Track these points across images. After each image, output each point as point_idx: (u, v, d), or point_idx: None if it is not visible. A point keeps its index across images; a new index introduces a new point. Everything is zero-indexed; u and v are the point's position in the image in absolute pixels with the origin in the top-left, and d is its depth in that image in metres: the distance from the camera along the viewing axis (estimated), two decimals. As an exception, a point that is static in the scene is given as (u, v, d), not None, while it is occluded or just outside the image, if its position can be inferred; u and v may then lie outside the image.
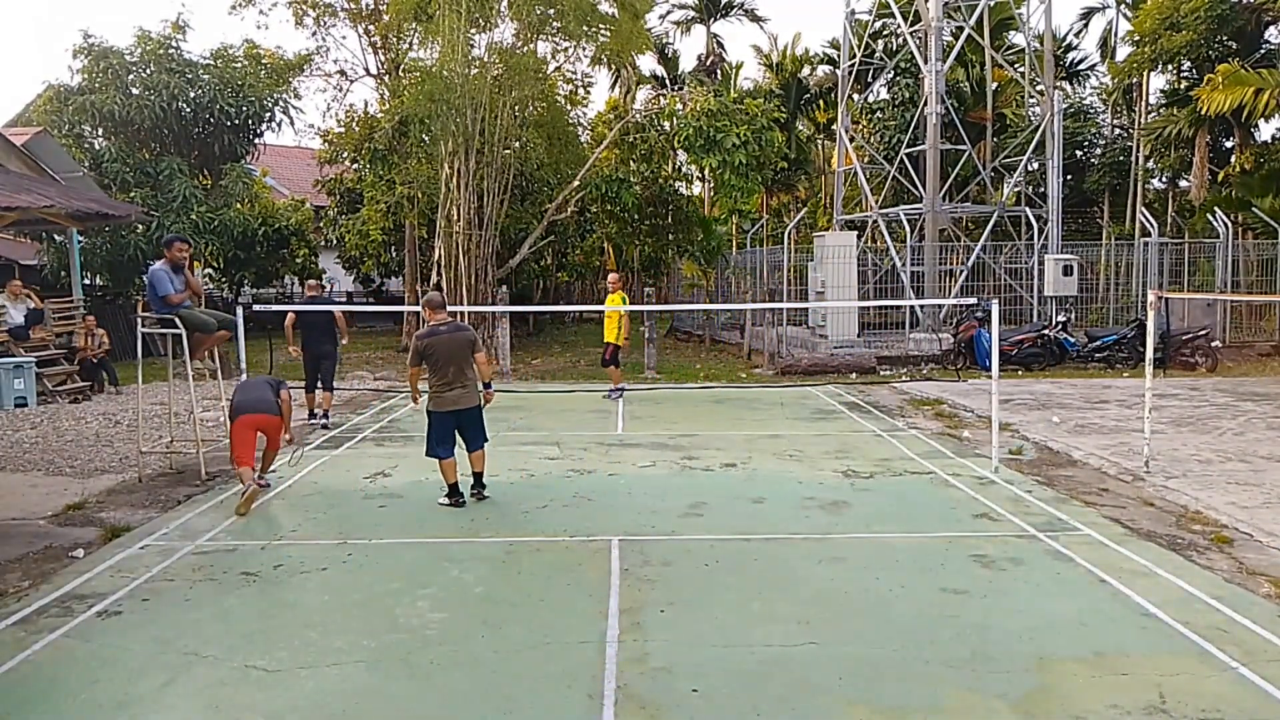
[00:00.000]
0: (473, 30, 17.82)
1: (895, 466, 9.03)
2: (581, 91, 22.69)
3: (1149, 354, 8.83)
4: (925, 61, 20.21)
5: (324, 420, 11.69)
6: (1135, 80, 26.86)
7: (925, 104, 20.41)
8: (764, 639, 4.88)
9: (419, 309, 8.08)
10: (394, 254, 27.05)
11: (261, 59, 23.12)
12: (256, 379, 8.27)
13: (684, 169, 25.27)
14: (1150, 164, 27.21)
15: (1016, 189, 23.17)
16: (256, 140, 23.90)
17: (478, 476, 7.81)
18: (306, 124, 77.30)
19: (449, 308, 8.18)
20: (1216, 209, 19.99)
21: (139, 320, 9.18)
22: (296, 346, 11.73)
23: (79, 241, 18.53)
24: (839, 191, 25.23)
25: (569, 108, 22.38)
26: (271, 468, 8.28)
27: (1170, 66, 25.22)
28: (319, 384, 11.78)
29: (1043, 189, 23.10)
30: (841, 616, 5.21)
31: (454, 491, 7.66)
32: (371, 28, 22.56)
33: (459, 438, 7.73)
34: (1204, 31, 21.75)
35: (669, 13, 33.95)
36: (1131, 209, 26.40)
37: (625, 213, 22.14)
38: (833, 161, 29.22)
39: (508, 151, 19.37)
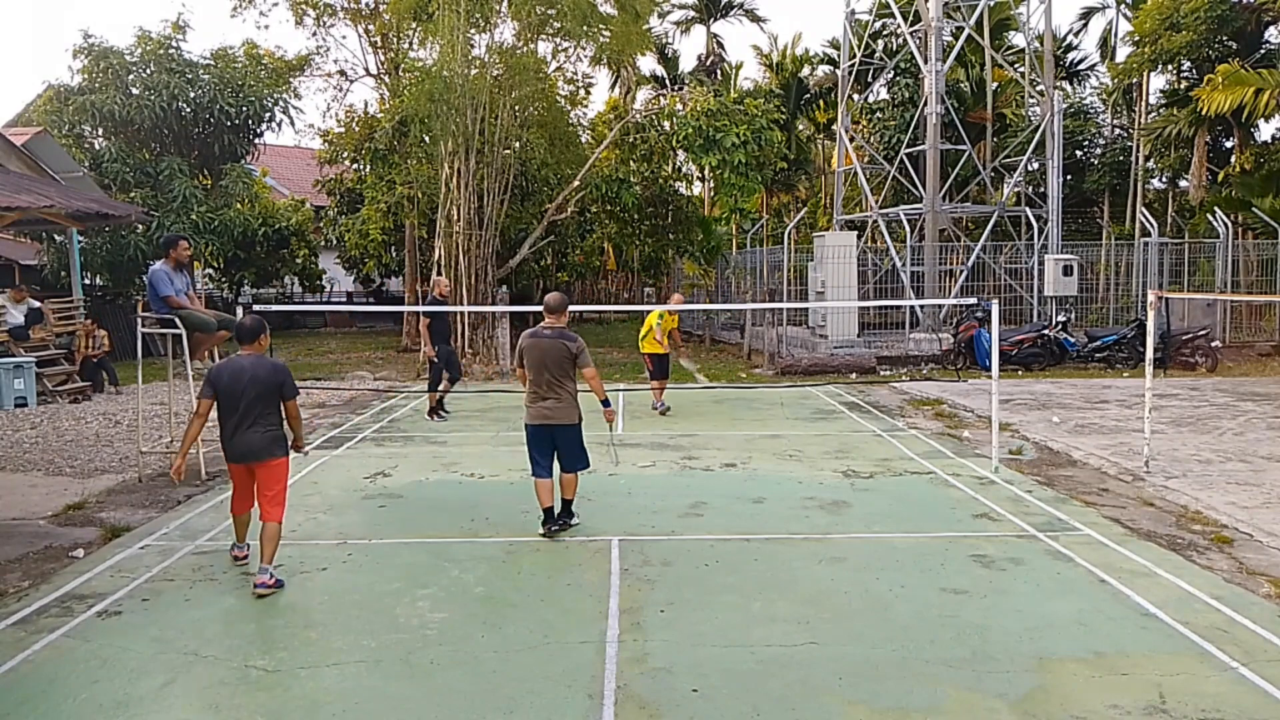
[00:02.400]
0: (472, 30, 17.82)
1: (895, 466, 9.03)
2: (582, 92, 22.70)
3: (1149, 354, 8.84)
4: (925, 61, 20.21)
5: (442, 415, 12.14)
6: (1135, 80, 26.86)
7: (925, 104, 20.42)
8: (764, 639, 4.88)
9: (420, 309, 7.96)
10: (394, 254, 27.06)
11: (261, 59, 23.13)
12: (248, 370, 5.74)
13: (684, 169, 25.26)
14: (1150, 164, 27.21)
15: (1016, 189, 23.17)
16: (256, 140, 23.90)
17: (565, 504, 6.88)
18: (306, 124, 77.41)
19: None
20: (1216, 209, 20.00)
21: (139, 320, 9.18)
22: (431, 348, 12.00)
23: (79, 241, 18.54)
24: (839, 191, 25.23)
25: (569, 108, 22.38)
26: (275, 562, 5.76)
27: (1170, 67, 25.22)
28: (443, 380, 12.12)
29: (1043, 189, 23.10)
30: (841, 616, 5.21)
31: (548, 518, 6.76)
32: (371, 27, 22.57)
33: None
34: (1204, 32, 21.75)
35: (669, 13, 33.92)
36: (1131, 209, 26.39)
37: (625, 213, 22.13)
38: (833, 161, 29.22)
39: (508, 151, 19.37)
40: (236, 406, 5.71)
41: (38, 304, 14.92)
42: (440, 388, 12.03)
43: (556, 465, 6.89)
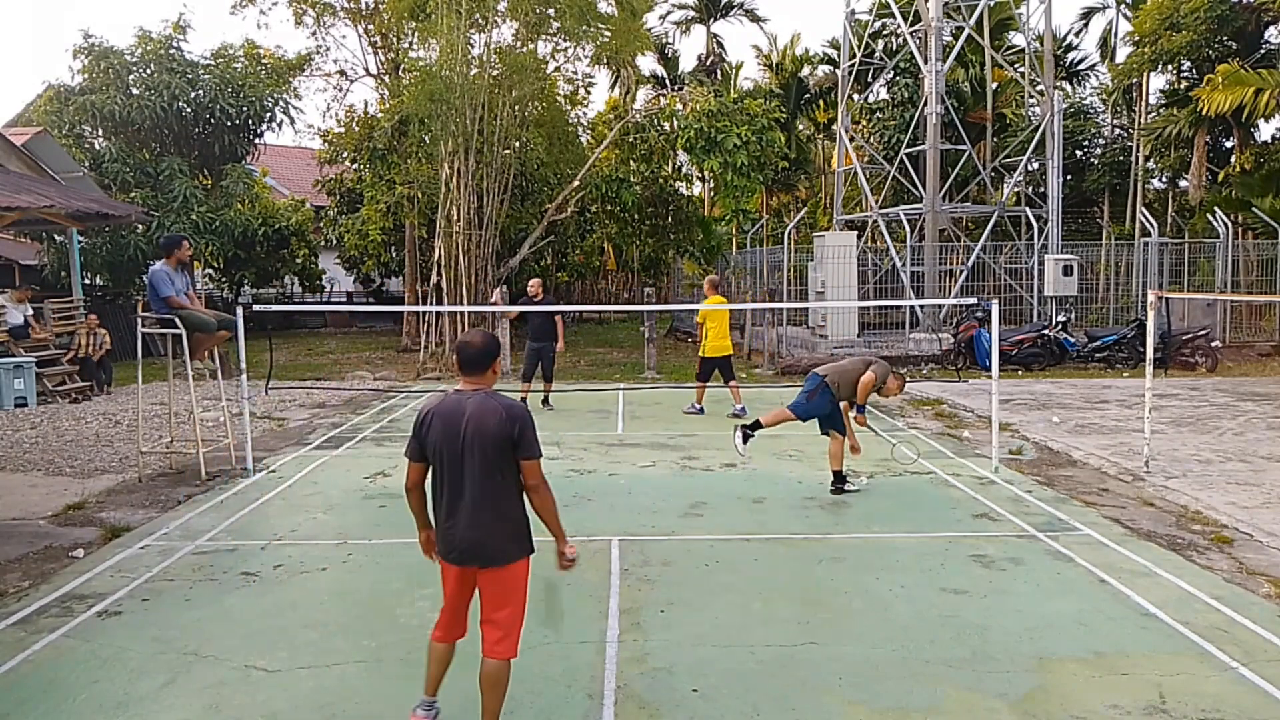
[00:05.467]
0: (471, 30, 17.83)
1: (895, 466, 9.03)
2: (582, 92, 22.71)
3: (1149, 354, 8.84)
4: (925, 61, 20.20)
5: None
6: (1135, 80, 26.86)
7: (925, 104, 20.41)
8: (764, 639, 4.88)
9: (420, 309, 7.95)
10: (394, 254, 27.06)
11: (262, 59, 23.13)
12: (471, 414, 3.67)
13: (684, 169, 25.27)
14: (1150, 164, 27.21)
15: (1016, 189, 23.15)
16: (257, 140, 23.90)
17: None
18: (306, 124, 77.41)
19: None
20: (1216, 209, 19.99)
21: (139, 320, 9.17)
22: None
23: (79, 241, 18.53)
24: (839, 191, 25.22)
25: (569, 108, 22.38)
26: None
27: (1170, 67, 25.22)
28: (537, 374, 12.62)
29: (1043, 189, 23.09)
30: (841, 616, 5.21)
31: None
32: (371, 27, 22.58)
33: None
34: (1204, 32, 21.75)
35: (669, 13, 33.97)
36: (1131, 209, 26.39)
37: (625, 213, 22.15)
38: (833, 161, 29.21)
39: (508, 151, 19.37)
40: (448, 471, 3.71)
41: (30, 310, 14.92)
42: (536, 384, 12.51)
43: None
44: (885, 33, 27.32)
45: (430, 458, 3.76)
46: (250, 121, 22.82)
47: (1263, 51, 23.07)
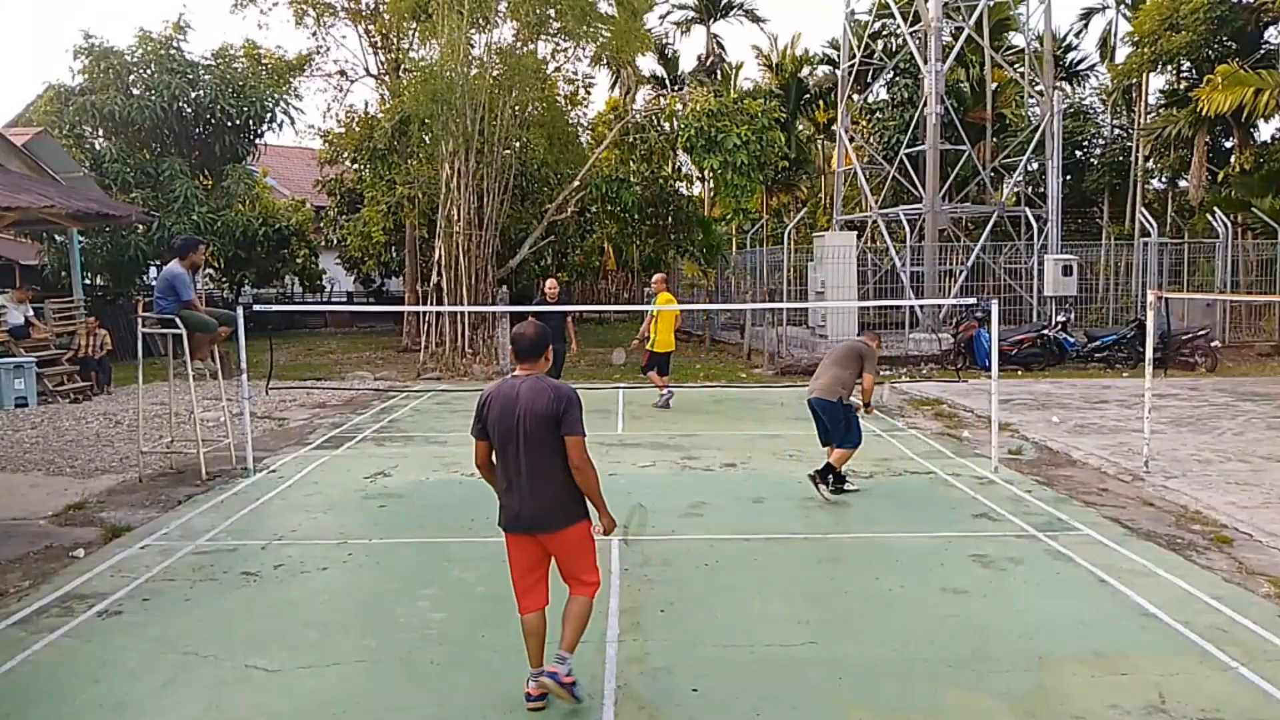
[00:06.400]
0: (472, 30, 17.83)
1: (895, 466, 9.04)
2: (582, 92, 22.72)
3: (1149, 354, 8.84)
4: (925, 62, 20.21)
5: None
6: (1135, 81, 26.87)
7: (925, 104, 20.41)
8: (764, 639, 4.88)
9: (420, 310, 7.93)
10: (394, 254, 27.07)
11: (262, 59, 23.12)
12: (523, 398, 4.09)
13: (684, 169, 25.25)
14: (1150, 164, 27.21)
15: (1016, 189, 23.15)
16: (257, 140, 23.89)
17: (826, 465, 7.80)
18: (307, 124, 77.28)
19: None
20: (1216, 209, 20.00)
21: (139, 320, 9.16)
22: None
23: (79, 242, 18.53)
24: (839, 191, 25.23)
25: (569, 108, 22.38)
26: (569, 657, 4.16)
27: (1170, 67, 25.23)
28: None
29: (1042, 189, 23.10)
30: (841, 616, 5.21)
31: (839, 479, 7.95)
32: (371, 27, 22.57)
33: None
34: (1203, 32, 21.76)
35: (669, 13, 33.99)
36: (1131, 209, 26.39)
37: (625, 213, 22.12)
38: (833, 161, 29.21)
39: (508, 151, 19.37)
40: (505, 448, 4.11)
41: (30, 310, 14.93)
42: None
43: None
44: (885, 33, 27.31)
45: (490, 436, 4.15)
46: (251, 122, 22.79)
47: (1262, 51, 23.07)
